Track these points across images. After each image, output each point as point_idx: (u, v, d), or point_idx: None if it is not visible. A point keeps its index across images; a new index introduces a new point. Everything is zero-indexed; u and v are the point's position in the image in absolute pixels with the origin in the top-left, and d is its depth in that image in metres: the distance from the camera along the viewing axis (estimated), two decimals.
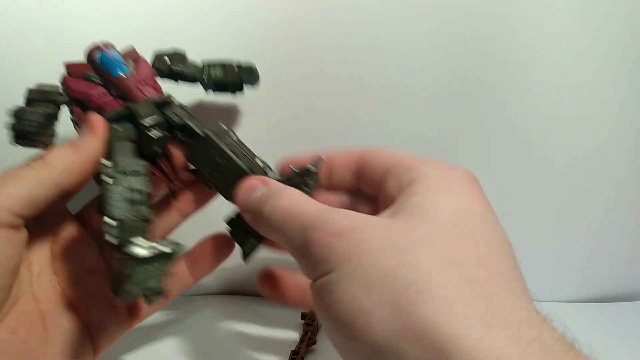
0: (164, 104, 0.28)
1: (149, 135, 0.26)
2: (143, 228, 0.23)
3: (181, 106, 0.28)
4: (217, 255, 0.30)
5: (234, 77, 0.33)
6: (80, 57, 0.31)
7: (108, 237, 0.22)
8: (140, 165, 0.24)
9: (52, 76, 0.32)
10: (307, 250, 0.20)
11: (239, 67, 0.33)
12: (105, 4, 0.38)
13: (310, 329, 0.37)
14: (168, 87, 0.31)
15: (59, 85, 0.28)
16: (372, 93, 0.40)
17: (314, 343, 0.36)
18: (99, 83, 0.27)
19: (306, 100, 0.40)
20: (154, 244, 0.22)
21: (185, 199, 0.31)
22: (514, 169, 0.43)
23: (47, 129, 0.27)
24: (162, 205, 0.30)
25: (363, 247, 0.19)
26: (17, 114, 0.26)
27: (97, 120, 0.26)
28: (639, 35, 0.40)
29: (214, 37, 0.39)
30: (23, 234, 0.24)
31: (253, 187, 0.24)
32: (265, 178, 0.25)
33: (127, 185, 0.23)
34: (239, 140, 0.28)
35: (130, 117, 0.26)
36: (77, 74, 0.27)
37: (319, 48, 0.39)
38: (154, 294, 0.24)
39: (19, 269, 0.24)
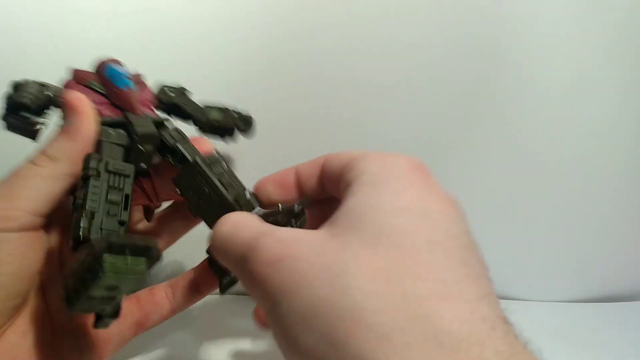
0: (161, 124, 0.27)
1: (139, 148, 0.25)
2: (117, 228, 0.22)
3: (177, 130, 0.28)
4: (203, 288, 0.30)
5: (230, 123, 0.33)
6: (79, 56, 0.31)
7: (74, 229, 0.20)
8: (126, 166, 0.24)
9: (50, 76, 0.31)
10: (249, 286, 0.19)
11: (238, 114, 0.34)
12: (106, 3, 0.38)
13: None
14: None
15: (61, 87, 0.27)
16: (371, 97, 0.40)
17: None
18: (101, 93, 0.27)
19: (303, 102, 0.40)
20: (127, 237, 0.20)
21: (167, 227, 0.30)
22: (515, 170, 0.43)
23: (39, 113, 0.25)
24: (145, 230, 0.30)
25: (296, 277, 0.17)
26: (17, 84, 0.25)
27: (76, 98, 0.24)
28: (636, 45, 0.40)
29: (212, 39, 0.39)
30: (43, 236, 0.23)
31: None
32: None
33: (108, 182, 0.22)
34: (230, 170, 0.27)
35: (126, 127, 0.26)
36: (82, 81, 0.27)
37: (317, 50, 0.39)
38: (109, 316, 0.22)
39: (38, 272, 0.24)
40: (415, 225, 0.18)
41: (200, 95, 0.36)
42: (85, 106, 0.24)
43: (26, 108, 0.25)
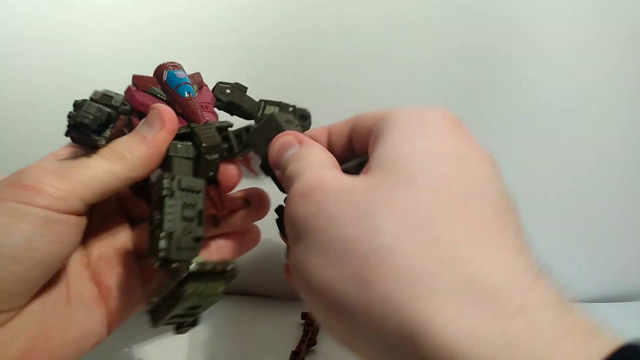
0: (224, 129, 0.28)
1: (207, 158, 0.26)
2: (194, 246, 0.23)
3: (243, 129, 0.28)
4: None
5: None
6: (80, 62, 0.31)
7: (156, 251, 0.21)
8: (197, 182, 0.24)
9: (56, 82, 0.31)
10: (285, 217, 0.20)
11: (294, 109, 0.34)
12: (107, 6, 0.38)
13: (310, 329, 0.37)
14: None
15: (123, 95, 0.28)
16: (373, 96, 0.40)
17: (315, 344, 0.36)
18: (162, 99, 0.27)
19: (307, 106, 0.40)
20: (206, 261, 0.21)
21: (232, 241, 0.30)
22: (516, 169, 0.42)
23: (102, 130, 0.26)
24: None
25: (325, 211, 0.17)
26: (78, 104, 0.26)
27: (167, 113, 0.25)
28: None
29: (214, 40, 0.39)
30: (85, 221, 0.24)
31: (288, 144, 0.23)
32: (302, 136, 0.24)
33: (182, 200, 0.23)
34: (301, 126, 0.27)
35: (191, 137, 0.26)
36: (143, 87, 0.28)
37: (320, 54, 0.39)
38: (190, 324, 0.23)
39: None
40: (451, 171, 0.17)
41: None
42: (173, 125, 0.25)
43: (86, 127, 0.25)
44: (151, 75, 0.28)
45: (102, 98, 0.26)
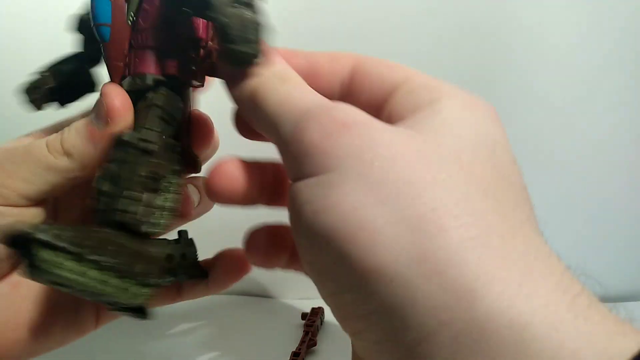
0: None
1: None
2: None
3: None
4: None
5: None
6: None
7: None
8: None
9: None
10: (299, 138, 0.16)
11: None
12: None
13: (310, 329, 0.36)
14: None
15: None
16: None
17: (315, 344, 0.36)
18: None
19: None
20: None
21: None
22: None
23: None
24: None
25: (379, 149, 0.15)
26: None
27: (118, 101, 0.21)
28: None
29: None
30: (33, 211, 0.22)
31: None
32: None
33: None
34: None
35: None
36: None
37: (319, 32, 0.39)
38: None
39: None
40: (500, 157, 0.17)
41: None
42: (124, 117, 0.21)
43: None
44: None
45: None
